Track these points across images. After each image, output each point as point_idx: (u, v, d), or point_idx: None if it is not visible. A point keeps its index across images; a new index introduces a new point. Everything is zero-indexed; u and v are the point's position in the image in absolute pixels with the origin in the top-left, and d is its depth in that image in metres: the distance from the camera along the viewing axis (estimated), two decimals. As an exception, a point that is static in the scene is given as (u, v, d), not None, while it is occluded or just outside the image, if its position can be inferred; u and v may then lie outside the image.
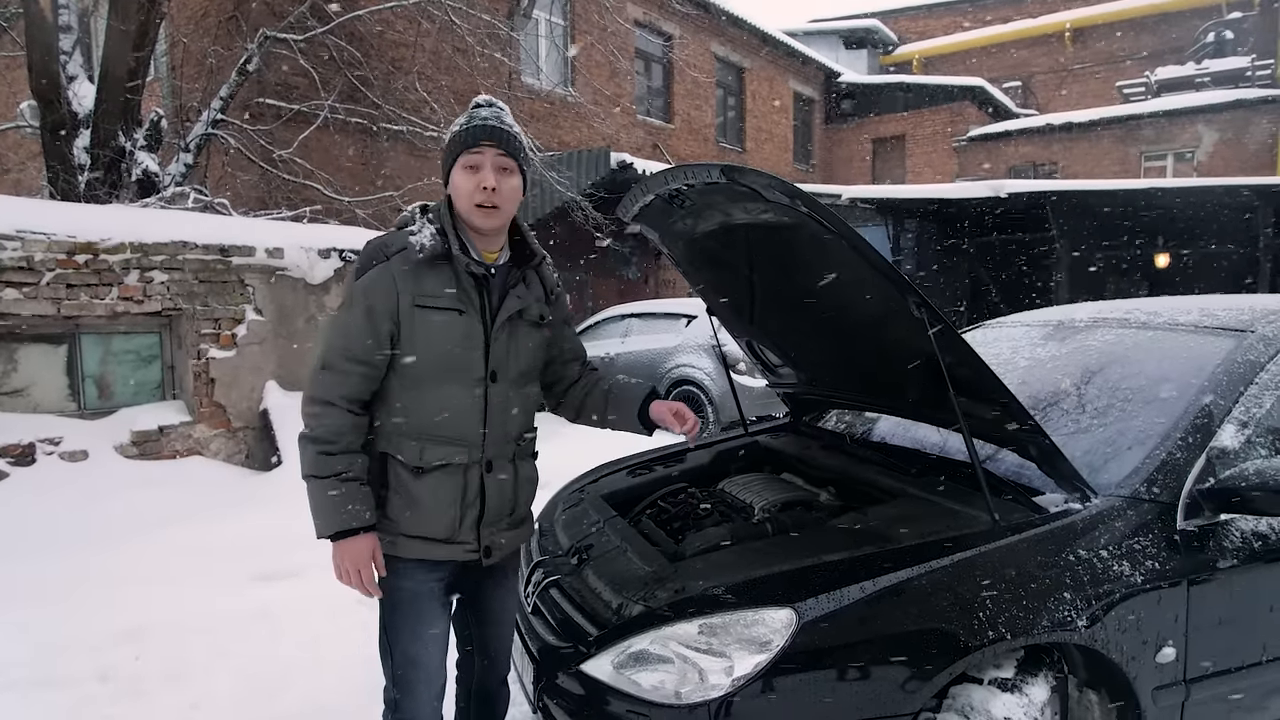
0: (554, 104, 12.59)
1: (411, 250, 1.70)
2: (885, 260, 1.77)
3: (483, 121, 1.73)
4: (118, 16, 6.75)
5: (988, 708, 1.67)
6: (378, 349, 1.69)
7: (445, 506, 1.74)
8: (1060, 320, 2.88)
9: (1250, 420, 1.99)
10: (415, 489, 1.73)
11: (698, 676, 1.60)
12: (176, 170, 7.67)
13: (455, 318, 1.72)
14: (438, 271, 1.72)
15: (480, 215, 1.73)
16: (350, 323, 1.69)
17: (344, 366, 1.68)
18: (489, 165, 1.72)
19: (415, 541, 1.75)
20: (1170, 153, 16.93)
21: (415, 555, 1.75)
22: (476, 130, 1.73)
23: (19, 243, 4.51)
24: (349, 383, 1.69)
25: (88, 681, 2.79)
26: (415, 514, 1.73)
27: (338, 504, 1.66)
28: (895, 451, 2.57)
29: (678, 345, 8.22)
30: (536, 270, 1.90)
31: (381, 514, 1.74)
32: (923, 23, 25.03)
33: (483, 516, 1.78)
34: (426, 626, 1.80)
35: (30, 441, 4.54)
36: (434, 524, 1.74)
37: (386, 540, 1.75)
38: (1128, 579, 1.76)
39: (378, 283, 1.68)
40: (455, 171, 1.75)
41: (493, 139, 1.73)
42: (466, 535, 1.77)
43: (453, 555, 1.78)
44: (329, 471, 1.66)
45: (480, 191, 1.71)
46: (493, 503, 1.80)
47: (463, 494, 1.75)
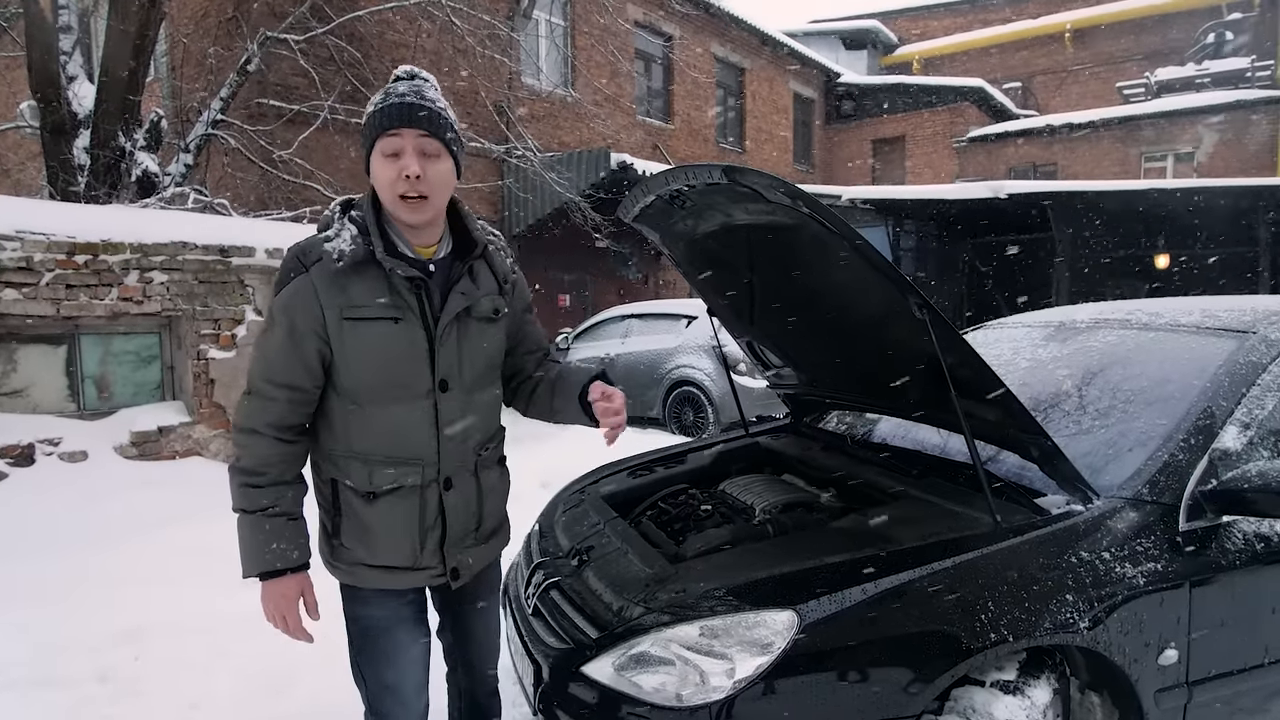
0: (554, 104, 12.59)
1: (329, 259, 1.50)
2: (886, 261, 1.76)
3: (400, 99, 1.50)
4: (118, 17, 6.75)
5: (990, 710, 1.66)
6: (306, 372, 1.52)
7: (402, 533, 1.60)
8: (1061, 321, 2.88)
9: (1252, 422, 1.98)
10: (368, 516, 1.58)
11: (699, 678, 1.60)
12: (176, 171, 7.67)
13: (391, 327, 1.53)
14: (365, 277, 1.52)
15: (406, 208, 1.52)
16: (270, 345, 1.52)
17: (268, 392, 1.52)
18: (410, 150, 1.50)
19: (375, 571, 1.62)
20: (1170, 154, 16.94)
21: (377, 585, 1.63)
22: (392, 111, 1.49)
23: (18, 243, 4.51)
24: (274, 409, 1.53)
25: (87, 682, 2.79)
26: (371, 542, 1.60)
27: (262, 543, 1.54)
28: (896, 453, 2.57)
29: (678, 346, 8.22)
30: (485, 259, 1.68)
31: (338, 542, 1.62)
32: (923, 23, 25.05)
33: (445, 537, 1.64)
34: (401, 653, 1.68)
35: (30, 442, 4.54)
36: (393, 552, 1.60)
37: (344, 569, 1.64)
38: (1130, 581, 1.75)
39: (297, 298, 1.49)
40: (374, 160, 1.52)
41: (411, 121, 1.49)
42: (430, 559, 1.64)
43: (417, 582, 1.66)
44: (254, 506, 1.53)
45: (403, 181, 1.49)
46: (455, 522, 1.65)
47: (420, 517, 1.61)
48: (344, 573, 1.65)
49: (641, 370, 8.50)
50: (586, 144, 12.49)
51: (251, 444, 1.53)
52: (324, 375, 1.55)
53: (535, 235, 11.48)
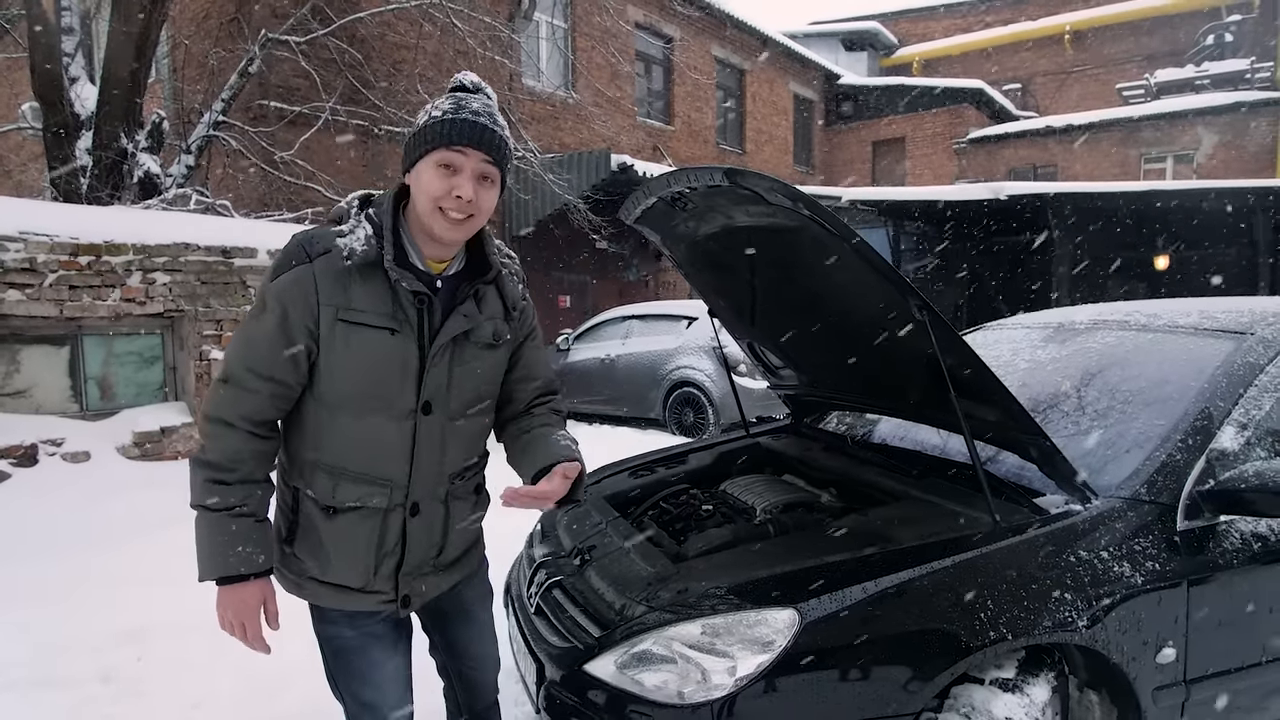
0: (555, 106, 12.61)
1: (337, 254, 1.42)
2: (886, 262, 1.78)
3: (473, 117, 1.42)
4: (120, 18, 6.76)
5: (989, 708, 1.67)
6: (292, 364, 1.43)
7: (358, 554, 1.51)
8: (1060, 322, 2.89)
9: (1250, 422, 2.00)
10: (325, 531, 1.50)
11: (700, 676, 1.61)
12: (178, 172, 7.69)
13: (386, 338, 1.44)
14: (370, 280, 1.43)
15: (445, 224, 1.43)
16: (259, 331, 1.42)
17: (249, 382, 1.42)
18: (469, 172, 1.42)
19: (324, 588, 1.53)
20: (1170, 155, 16.96)
21: (322, 603, 1.56)
22: (464, 126, 1.41)
23: (22, 244, 4.52)
24: (253, 401, 1.43)
25: (89, 682, 2.79)
26: (324, 558, 1.51)
27: (225, 544, 1.42)
28: (896, 453, 2.58)
29: (678, 347, 8.23)
30: (496, 285, 1.59)
31: (290, 550, 1.54)
32: (923, 25, 25.06)
33: (402, 564, 1.55)
34: (375, 671, 1.60)
35: (32, 442, 4.55)
36: (345, 572, 1.52)
37: (292, 580, 1.56)
38: (1128, 580, 1.76)
39: (295, 287, 1.40)
40: (425, 166, 1.43)
41: (481, 143, 1.42)
42: (382, 584, 1.55)
43: (364, 605, 1.56)
44: (221, 504, 1.41)
45: (452, 199, 1.41)
46: (415, 549, 1.56)
47: (379, 541, 1.52)
48: (292, 584, 1.56)
49: (642, 371, 8.51)
50: (587, 145, 12.51)
51: (222, 436, 1.42)
52: (307, 375, 1.46)
53: (536, 237, 11.49)
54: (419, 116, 1.48)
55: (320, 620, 1.61)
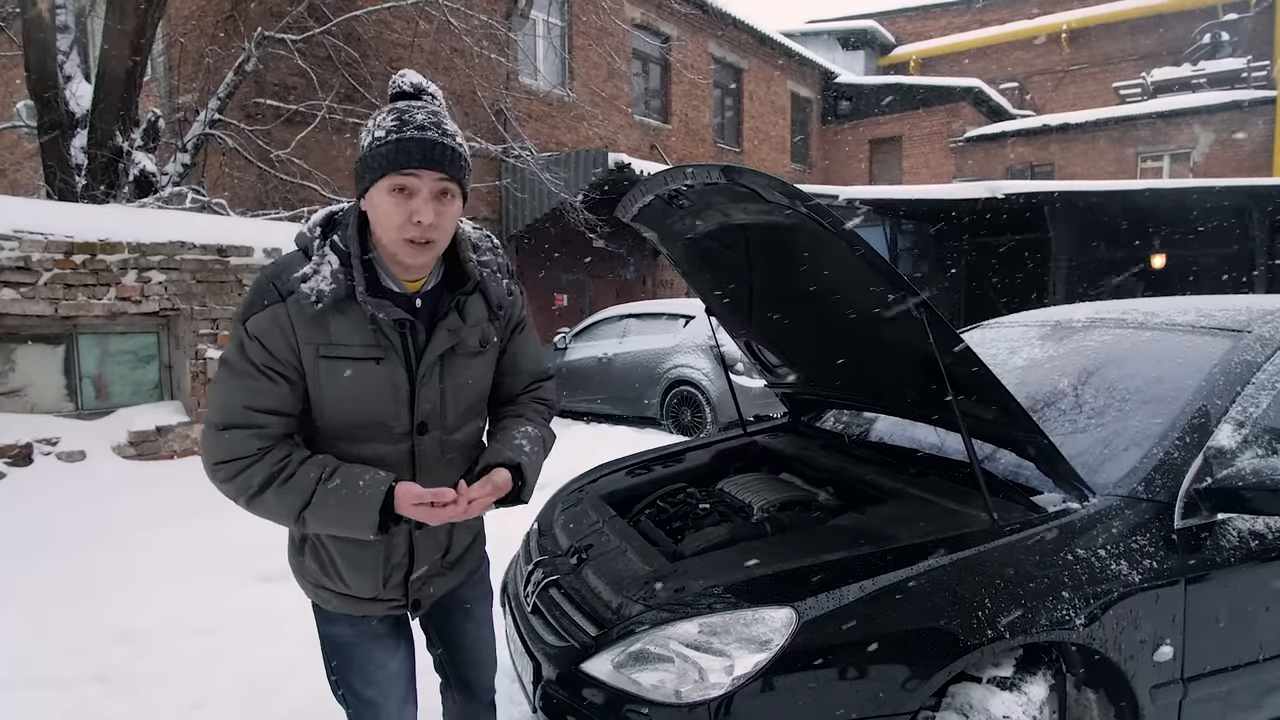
0: (551, 104, 12.60)
1: (304, 299, 1.35)
2: (884, 260, 1.77)
3: (419, 133, 1.33)
4: (115, 16, 6.74)
5: (986, 706, 1.67)
6: (293, 399, 1.41)
7: (366, 569, 1.53)
8: (1058, 320, 2.89)
9: (1247, 420, 2.00)
10: (333, 548, 1.52)
11: (698, 675, 1.61)
12: (174, 170, 7.67)
13: (371, 367, 1.41)
14: (347, 312, 1.38)
15: (409, 252, 1.37)
16: (246, 376, 1.38)
17: (255, 420, 1.38)
18: (426, 193, 1.34)
19: (337, 596, 1.56)
20: (1167, 154, 16.99)
21: (338, 609, 1.58)
22: (411, 146, 1.32)
23: (16, 243, 4.50)
24: (270, 432, 1.39)
25: (87, 682, 2.78)
26: (334, 572, 1.54)
27: (352, 495, 1.38)
28: (893, 451, 2.58)
29: (675, 345, 8.23)
30: (479, 290, 1.53)
31: (301, 559, 1.57)
32: (920, 24, 25.08)
33: (410, 573, 1.57)
34: (378, 670, 1.61)
35: (28, 442, 4.54)
36: (352, 584, 1.54)
37: (309, 587, 1.58)
38: (1125, 578, 1.76)
39: (273, 325, 1.36)
40: (378, 193, 1.35)
41: (433, 162, 1.33)
42: (393, 593, 1.57)
43: (377, 612, 1.59)
44: (308, 489, 1.37)
45: (412, 225, 1.34)
46: (423, 557, 1.57)
47: (386, 555, 1.53)
48: (309, 590, 1.60)
49: (639, 370, 8.50)
50: (584, 144, 12.50)
51: (255, 461, 1.37)
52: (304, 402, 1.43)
53: (533, 235, 11.48)
54: (362, 135, 1.39)
55: (323, 620, 1.62)
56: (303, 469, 1.39)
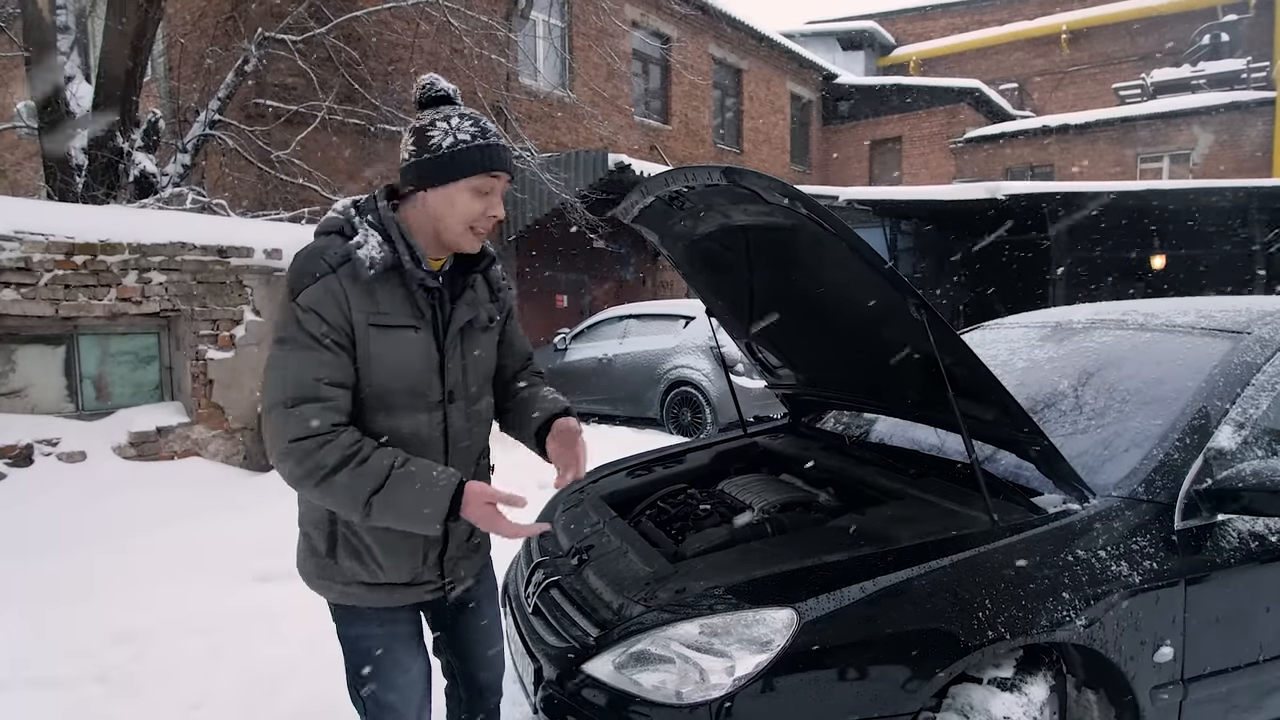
0: (552, 105, 12.60)
1: (360, 265, 1.45)
2: (884, 261, 1.78)
3: (499, 142, 1.52)
4: (115, 17, 6.74)
5: (987, 707, 1.68)
6: (350, 367, 1.47)
7: (404, 550, 1.57)
8: (1058, 322, 2.89)
9: (1247, 421, 2.00)
10: (369, 535, 1.54)
11: (699, 676, 1.61)
12: (174, 171, 7.66)
13: (411, 336, 1.52)
14: (389, 285, 1.50)
15: (471, 240, 1.55)
16: (308, 349, 1.43)
17: (324, 393, 1.43)
18: (499, 193, 1.55)
19: (373, 590, 1.58)
20: (1166, 154, 17.00)
21: (375, 604, 1.59)
22: (495, 153, 1.51)
23: (17, 243, 4.50)
24: (338, 406, 1.45)
25: (87, 682, 2.79)
26: (370, 561, 1.56)
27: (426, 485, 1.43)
28: (894, 452, 2.58)
29: (676, 346, 8.23)
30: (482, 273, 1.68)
31: (331, 560, 1.57)
32: (919, 25, 25.09)
33: (445, 550, 1.63)
34: (399, 673, 1.64)
35: (28, 442, 4.53)
36: (393, 570, 1.57)
37: (339, 588, 1.58)
38: (1126, 579, 1.77)
39: (327, 296, 1.44)
40: (459, 189, 1.49)
41: (509, 167, 1.54)
42: (430, 574, 1.62)
43: (414, 598, 1.62)
44: (381, 473, 1.42)
45: (486, 219, 1.53)
46: (456, 532, 1.62)
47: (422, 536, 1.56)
48: (338, 592, 1.59)
49: (639, 370, 8.51)
50: (584, 145, 12.50)
51: (327, 445, 1.41)
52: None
53: (533, 236, 11.48)
54: (432, 136, 1.50)
55: (349, 623, 1.63)
56: (376, 454, 1.44)
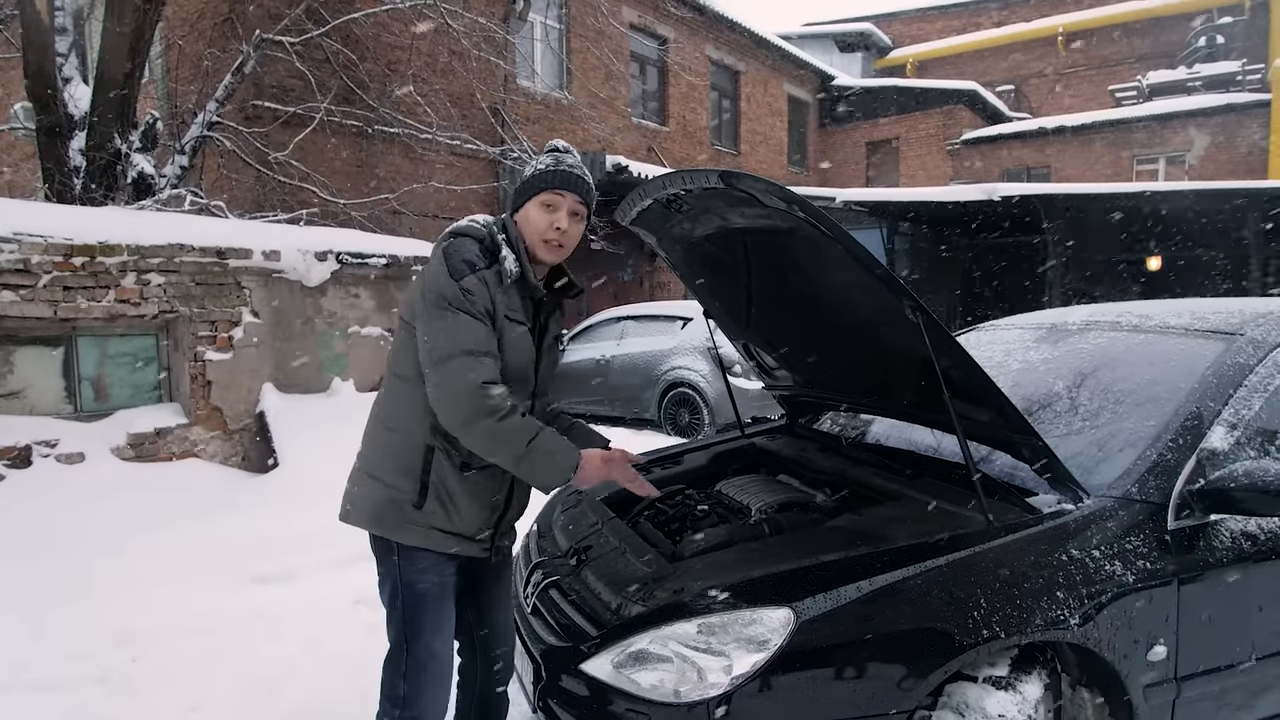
0: (549, 107, 12.61)
1: (504, 272, 1.80)
2: (880, 264, 1.79)
3: (571, 169, 1.86)
4: (113, 19, 6.74)
5: (982, 705, 1.69)
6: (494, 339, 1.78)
7: (481, 506, 1.84)
8: (1053, 323, 2.91)
9: (1239, 422, 2.02)
10: (457, 485, 1.80)
11: (696, 675, 1.62)
12: (172, 172, 7.65)
13: (525, 333, 1.85)
14: (512, 291, 1.83)
15: (546, 250, 1.86)
16: (475, 318, 1.73)
17: (492, 352, 1.75)
18: (565, 209, 1.85)
19: (447, 536, 1.81)
20: (1162, 156, 17.04)
21: (445, 549, 1.82)
22: (565, 175, 1.84)
23: (16, 245, 4.50)
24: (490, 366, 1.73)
25: (86, 684, 2.79)
26: (452, 510, 1.80)
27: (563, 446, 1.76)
28: (890, 453, 2.59)
29: (673, 347, 8.24)
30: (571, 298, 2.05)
31: (415, 508, 1.79)
32: (916, 26, 25.13)
33: (504, 516, 1.93)
34: (446, 623, 1.87)
35: (26, 444, 4.53)
36: (469, 520, 1.83)
37: (419, 530, 1.79)
38: (1119, 578, 1.78)
39: (481, 288, 1.76)
40: (532, 205, 1.85)
41: (576, 189, 1.86)
42: (488, 531, 1.89)
43: (473, 551, 1.87)
44: (535, 428, 1.72)
45: (553, 230, 1.84)
46: (516, 503, 1.95)
47: (496, 496, 1.87)
48: (416, 534, 1.79)
49: (637, 371, 8.51)
50: (581, 146, 12.50)
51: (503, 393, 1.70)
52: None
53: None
54: (525, 169, 1.97)
55: (410, 570, 1.81)
56: (529, 416, 1.77)
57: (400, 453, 1.81)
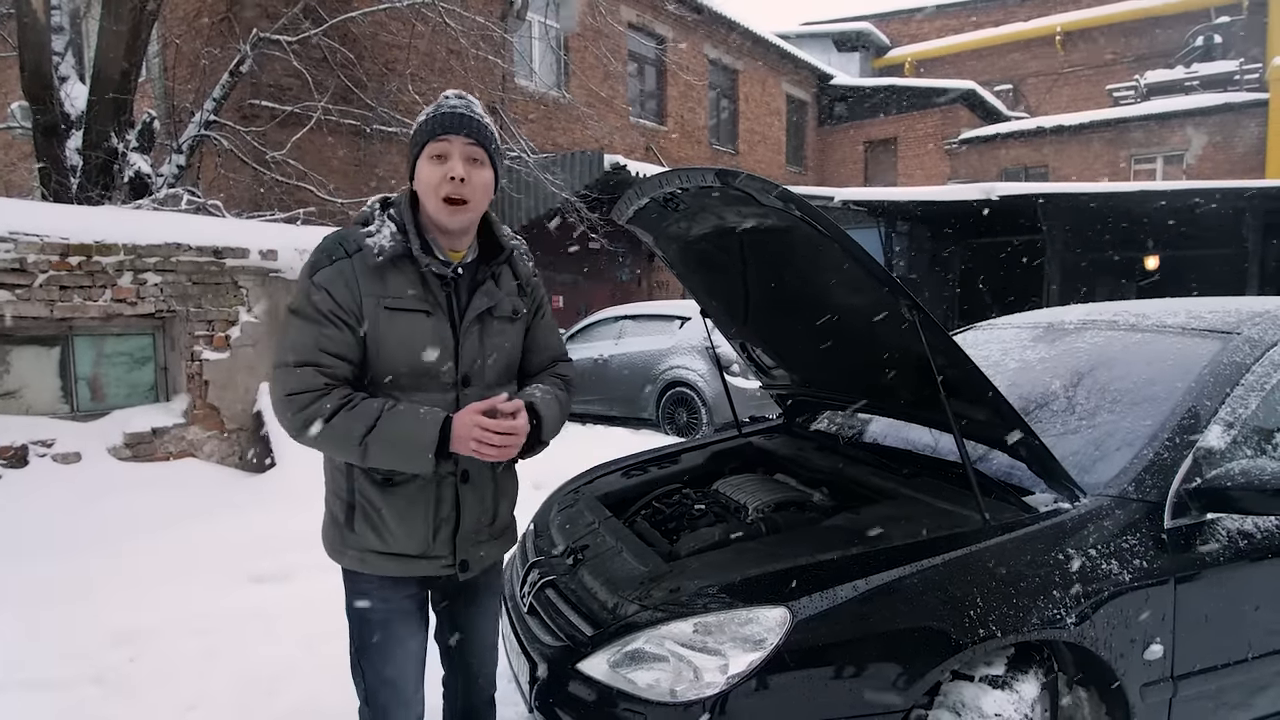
0: (548, 106, 12.60)
1: (369, 252, 1.58)
2: (878, 263, 1.79)
3: (451, 109, 1.61)
4: (110, 17, 6.73)
5: (979, 704, 1.69)
6: (352, 346, 1.57)
7: (417, 522, 1.64)
8: (1050, 322, 2.91)
9: (1236, 420, 2.02)
10: (383, 502, 1.62)
11: (693, 675, 1.62)
12: (169, 171, 7.64)
13: (423, 319, 1.61)
14: (401, 271, 1.60)
15: (448, 212, 1.59)
16: (315, 322, 1.55)
17: (323, 360, 1.54)
18: (457, 154, 1.59)
19: (386, 559, 1.65)
20: (1160, 155, 17.06)
21: (386, 573, 1.66)
22: (445, 118, 1.60)
23: (12, 244, 4.49)
24: (335, 373, 1.56)
25: (83, 683, 2.78)
26: (383, 529, 1.63)
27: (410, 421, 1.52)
28: (887, 452, 2.59)
29: (671, 347, 8.24)
30: (509, 264, 1.77)
31: (348, 530, 1.65)
32: (914, 26, 25.14)
33: (458, 529, 1.68)
34: (399, 646, 1.71)
35: (23, 443, 4.52)
36: (405, 539, 1.64)
37: (354, 555, 1.66)
38: (1116, 577, 1.78)
39: (337, 280, 1.56)
40: (421, 163, 1.61)
41: (460, 128, 1.59)
42: (441, 549, 1.68)
43: (425, 570, 1.69)
44: (371, 415, 1.51)
45: (447, 182, 1.57)
46: (470, 514, 1.69)
47: (435, 508, 1.65)
48: (353, 558, 1.67)
49: (635, 371, 8.52)
50: (580, 145, 12.50)
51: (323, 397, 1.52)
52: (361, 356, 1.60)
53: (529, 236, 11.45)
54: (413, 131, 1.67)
55: (356, 594, 1.70)
56: (367, 401, 1.56)
57: (331, 472, 1.69)
